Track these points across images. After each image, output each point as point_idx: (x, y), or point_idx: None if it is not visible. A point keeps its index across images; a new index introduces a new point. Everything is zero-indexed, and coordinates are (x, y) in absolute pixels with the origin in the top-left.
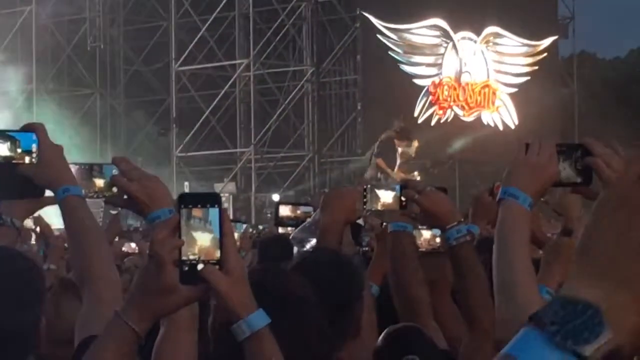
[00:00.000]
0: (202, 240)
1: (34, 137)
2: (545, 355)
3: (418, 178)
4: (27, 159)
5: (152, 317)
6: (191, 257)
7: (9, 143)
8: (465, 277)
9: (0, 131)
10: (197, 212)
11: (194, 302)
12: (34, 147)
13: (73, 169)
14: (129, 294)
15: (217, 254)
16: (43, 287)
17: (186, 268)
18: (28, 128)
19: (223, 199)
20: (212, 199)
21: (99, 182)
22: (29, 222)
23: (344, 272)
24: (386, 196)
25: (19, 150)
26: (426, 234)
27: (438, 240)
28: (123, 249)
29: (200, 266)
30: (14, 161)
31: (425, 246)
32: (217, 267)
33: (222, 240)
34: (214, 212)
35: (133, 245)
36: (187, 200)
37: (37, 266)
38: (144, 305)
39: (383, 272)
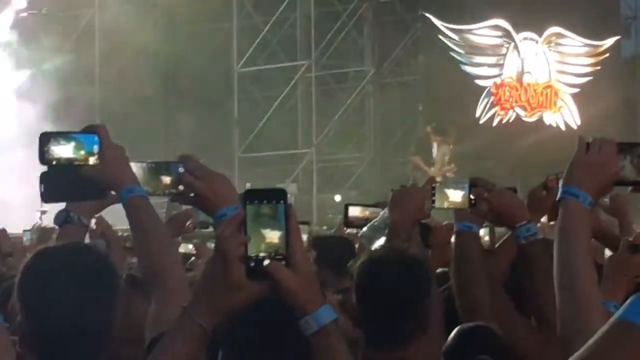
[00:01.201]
0: (268, 236)
1: (96, 138)
2: None
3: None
4: (90, 160)
5: (219, 313)
6: (258, 253)
7: (72, 145)
8: (536, 275)
9: (63, 133)
10: (262, 208)
11: (260, 298)
12: (96, 148)
13: (140, 167)
14: (195, 290)
15: (283, 249)
16: (118, 285)
17: (252, 264)
18: (90, 129)
19: None
20: (278, 195)
21: (166, 180)
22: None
23: (409, 269)
24: (455, 195)
25: (82, 152)
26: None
27: (487, 239)
28: (180, 249)
29: (266, 262)
30: (76, 163)
31: None
32: (283, 262)
33: (288, 235)
34: (279, 208)
35: (190, 246)
36: (253, 196)
37: (113, 264)
38: (211, 302)
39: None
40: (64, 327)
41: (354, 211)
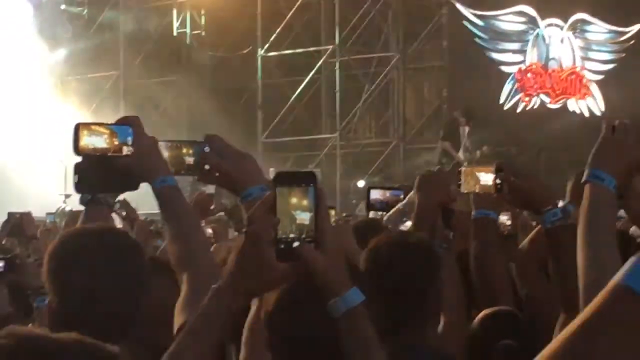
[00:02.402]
0: (298, 218)
1: (130, 129)
2: None
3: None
4: (124, 151)
5: (249, 294)
6: (288, 235)
7: (105, 136)
8: (562, 259)
9: (97, 124)
10: (293, 190)
11: (290, 280)
12: (130, 140)
13: (165, 146)
14: (225, 272)
15: (313, 231)
16: (145, 267)
17: (282, 246)
18: (124, 121)
19: None
20: (308, 178)
21: (190, 160)
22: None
23: (413, 253)
24: (486, 178)
25: (116, 143)
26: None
27: (509, 223)
28: None
29: (296, 244)
30: (110, 154)
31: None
32: (312, 244)
33: (318, 217)
34: (309, 191)
35: (209, 230)
36: (283, 179)
37: (139, 245)
38: (241, 283)
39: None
40: (91, 308)
41: (375, 194)
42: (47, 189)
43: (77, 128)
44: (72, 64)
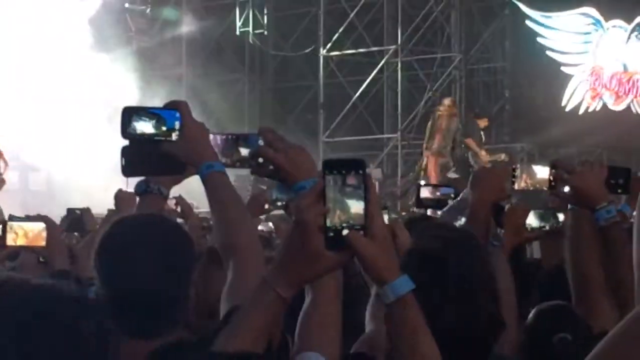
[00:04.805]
0: (347, 206)
1: (178, 114)
2: None
3: (504, 157)
4: (171, 136)
5: (298, 283)
6: (337, 223)
7: (153, 121)
8: (616, 258)
9: (145, 108)
10: (341, 178)
11: (339, 268)
12: (178, 124)
13: (219, 138)
14: (275, 260)
15: (362, 219)
16: (193, 256)
17: (331, 234)
18: (172, 105)
19: None
20: (356, 165)
21: (244, 152)
22: (170, 202)
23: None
24: (542, 172)
25: (163, 128)
26: None
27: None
28: (262, 228)
29: (345, 232)
30: (157, 138)
31: None
32: (361, 232)
33: (366, 205)
34: (358, 178)
35: (270, 224)
36: (332, 167)
37: (188, 235)
38: (291, 272)
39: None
40: (139, 295)
41: (425, 192)
42: (110, 186)
43: (125, 112)
44: (134, 62)
